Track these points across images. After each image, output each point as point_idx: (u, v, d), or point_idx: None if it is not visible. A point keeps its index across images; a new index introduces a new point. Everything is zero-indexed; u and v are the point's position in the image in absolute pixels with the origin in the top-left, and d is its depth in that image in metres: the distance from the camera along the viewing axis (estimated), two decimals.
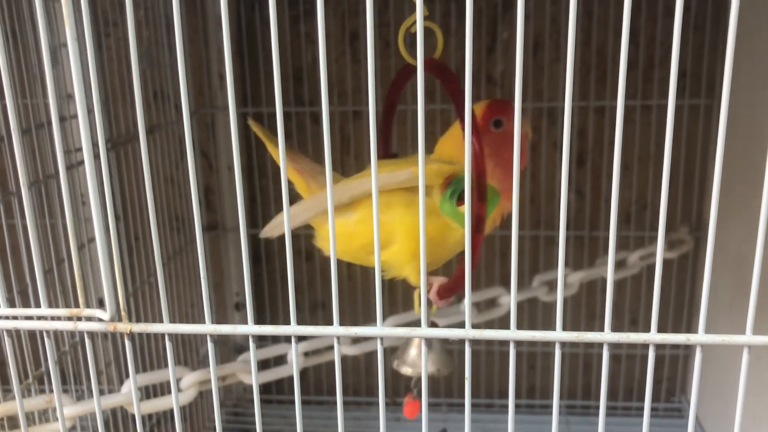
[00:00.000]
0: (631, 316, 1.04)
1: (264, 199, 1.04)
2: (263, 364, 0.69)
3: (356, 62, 0.97)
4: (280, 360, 0.71)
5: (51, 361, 0.42)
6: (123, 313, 0.40)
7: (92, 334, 0.41)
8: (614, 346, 1.07)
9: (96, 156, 0.38)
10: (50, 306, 0.40)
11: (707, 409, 0.95)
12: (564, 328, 0.41)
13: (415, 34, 0.38)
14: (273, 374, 0.66)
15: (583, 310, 1.03)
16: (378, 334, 0.43)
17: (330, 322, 0.42)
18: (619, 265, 0.90)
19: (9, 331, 0.42)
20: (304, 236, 1.05)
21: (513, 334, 0.42)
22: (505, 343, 1.02)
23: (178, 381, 0.62)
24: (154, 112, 0.89)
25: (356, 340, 0.72)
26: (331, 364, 0.71)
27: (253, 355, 0.43)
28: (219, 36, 0.96)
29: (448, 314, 0.76)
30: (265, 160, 1.01)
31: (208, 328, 0.42)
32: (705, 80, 0.92)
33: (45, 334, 0.41)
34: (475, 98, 0.47)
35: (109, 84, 0.83)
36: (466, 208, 0.39)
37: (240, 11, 0.95)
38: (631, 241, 1.00)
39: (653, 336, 0.41)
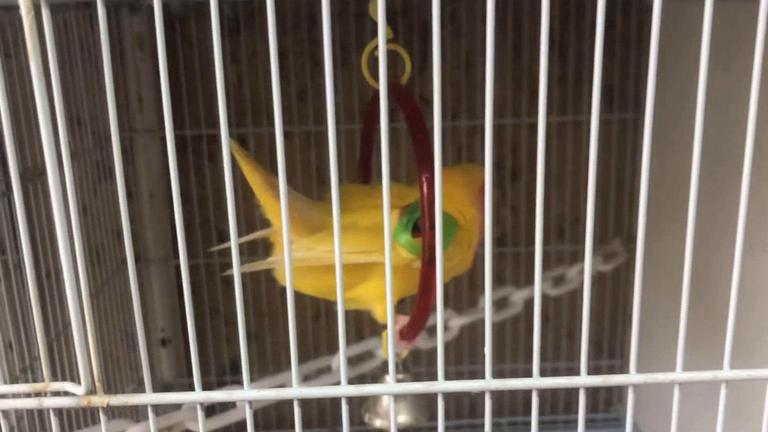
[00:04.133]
0: (569, 329, 1.05)
1: (188, 227, 0.98)
2: (210, 409, 0.63)
3: (284, 80, 0.93)
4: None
5: None
6: (98, 385, 0.35)
7: (59, 411, 0.35)
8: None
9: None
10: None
11: (645, 414, 0.96)
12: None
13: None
14: (224, 419, 0.61)
15: (522, 324, 1.02)
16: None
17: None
18: (559, 280, 0.90)
19: None
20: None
21: (536, 382, 0.39)
22: None
23: None
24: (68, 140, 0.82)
25: (308, 377, 0.68)
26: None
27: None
28: (136, 56, 0.90)
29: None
30: (190, 185, 0.96)
31: (199, 396, 0.37)
32: (632, 94, 0.94)
33: (1, 415, 0.36)
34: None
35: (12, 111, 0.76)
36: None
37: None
38: (566, 255, 1.00)
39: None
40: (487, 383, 0.38)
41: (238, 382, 0.34)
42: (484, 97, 0.33)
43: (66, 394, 0.35)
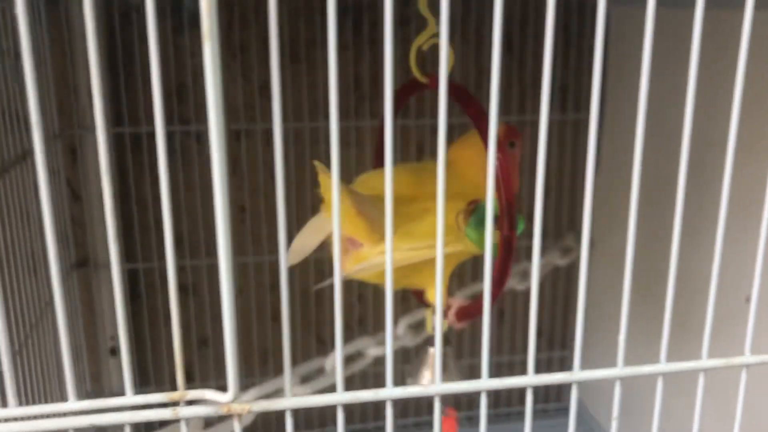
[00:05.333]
0: (524, 323, 1.08)
1: (143, 229, 0.94)
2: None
3: (245, 75, 0.91)
4: None
5: None
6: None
7: (188, 421, 0.33)
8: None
9: None
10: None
11: (599, 402, 1.00)
12: None
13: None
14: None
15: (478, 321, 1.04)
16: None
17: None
18: (524, 275, 0.92)
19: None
20: (190, 269, 0.96)
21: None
22: None
23: None
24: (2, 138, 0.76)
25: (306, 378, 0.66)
26: None
27: None
28: (86, 48, 0.85)
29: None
30: (144, 185, 0.91)
31: (342, 396, 0.36)
32: (586, 95, 0.98)
33: (128, 428, 0.33)
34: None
35: None
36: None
37: (114, 23, 0.84)
38: (522, 251, 1.03)
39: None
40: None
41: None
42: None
43: (200, 403, 0.33)
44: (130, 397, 0.33)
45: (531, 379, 0.40)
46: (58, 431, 0.33)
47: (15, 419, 0.32)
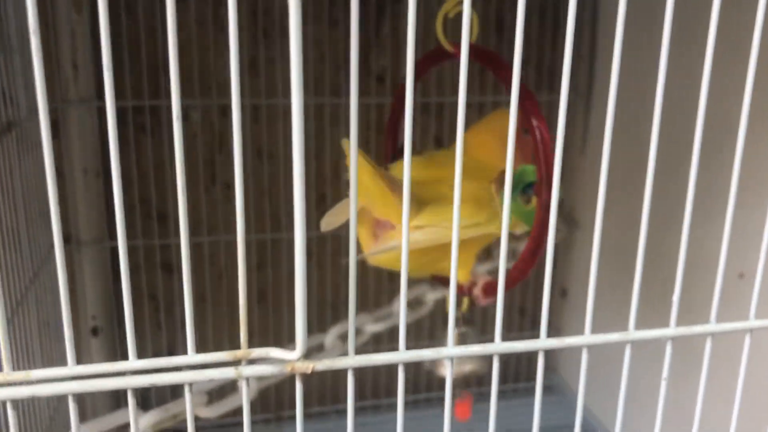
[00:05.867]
0: (509, 301, 1.09)
1: (126, 207, 0.92)
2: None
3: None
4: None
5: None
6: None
7: (248, 380, 0.32)
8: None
9: None
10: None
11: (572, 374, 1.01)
12: None
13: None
14: (229, 404, 0.58)
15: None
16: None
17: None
18: (514, 254, 0.93)
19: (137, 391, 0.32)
20: (175, 247, 0.94)
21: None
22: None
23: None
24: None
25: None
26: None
27: None
28: (72, 18, 0.82)
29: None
30: (129, 161, 0.89)
31: (404, 355, 0.36)
32: (572, 75, 0.98)
33: (188, 388, 0.32)
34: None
35: None
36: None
37: None
38: None
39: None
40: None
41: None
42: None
43: (263, 361, 0.32)
44: (192, 356, 0.32)
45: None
46: (116, 391, 0.32)
47: (73, 378, 0.31)
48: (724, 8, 0.36)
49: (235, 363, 0.33)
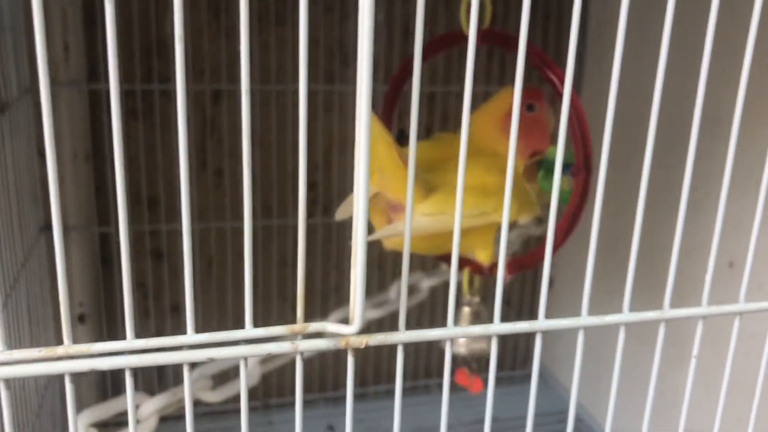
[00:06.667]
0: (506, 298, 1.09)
1: (116, 192, 0.91)
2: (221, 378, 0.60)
3: (225, 36, 0.88)
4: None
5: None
6: None
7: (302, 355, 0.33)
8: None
9: None
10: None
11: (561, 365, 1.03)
12: None
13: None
14: (233, 389, 0.58)
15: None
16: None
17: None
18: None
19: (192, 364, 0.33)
20: (166, 233, 0.93)
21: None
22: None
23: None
24: None
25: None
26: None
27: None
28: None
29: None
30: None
31: (450, 331, 0.36)
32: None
33: (243, 363, 0.32)
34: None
35: None
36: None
37: None
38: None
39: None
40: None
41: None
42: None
43: (318, 336, 0.32)
44: (250, 330, 0.32)
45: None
46: (172, 364, 0.32)
47: (132, 352, 0.31)
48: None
49: (292, 337, 0.33)
